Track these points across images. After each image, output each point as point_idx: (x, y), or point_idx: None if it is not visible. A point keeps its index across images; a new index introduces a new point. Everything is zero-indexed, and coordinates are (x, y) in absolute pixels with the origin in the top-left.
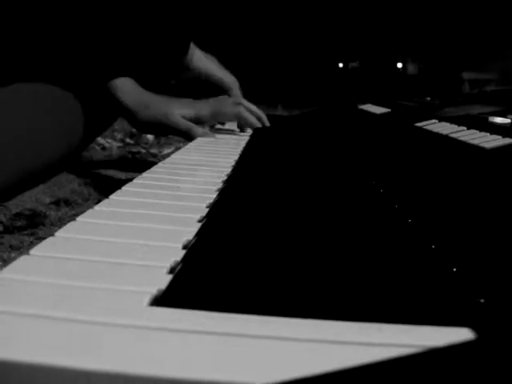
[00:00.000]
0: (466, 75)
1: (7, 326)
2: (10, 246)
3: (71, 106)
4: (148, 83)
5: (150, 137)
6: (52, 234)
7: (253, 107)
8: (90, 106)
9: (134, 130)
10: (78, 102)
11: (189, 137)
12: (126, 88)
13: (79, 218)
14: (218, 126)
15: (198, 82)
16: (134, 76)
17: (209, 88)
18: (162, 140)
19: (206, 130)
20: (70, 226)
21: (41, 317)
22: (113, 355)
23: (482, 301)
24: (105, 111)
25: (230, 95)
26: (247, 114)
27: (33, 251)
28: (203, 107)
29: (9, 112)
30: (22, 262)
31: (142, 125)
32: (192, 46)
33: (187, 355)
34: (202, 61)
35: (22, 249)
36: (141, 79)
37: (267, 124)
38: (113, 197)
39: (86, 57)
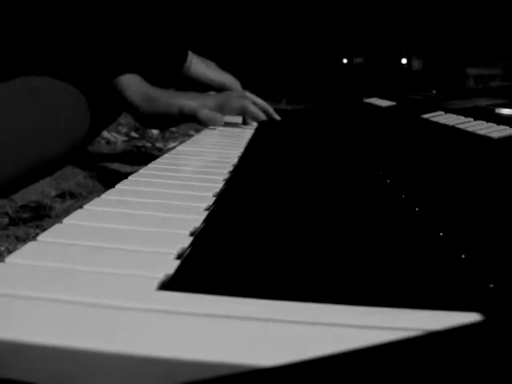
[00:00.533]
0: (471, 71)
1: (16, 308)
2: (16, 238)
3: (77, 100)
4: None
5: (155, 131)
6: None
7: (259, 100)
8: (95, 99)
9: (138, 124)
10: (84, 95)
11: (196, 120)
12: (131, 84)
13: (86, 206)
14: (226, 119)
15: (199, 88)
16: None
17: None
18: (167, 134)
19: (214, 113)
20: (77, 213)
21: (50, 300)
22: (122, 337)
23: (492, 286)
24: (110, 105)
25: None
26: (252, 107)
27: (40, 237)
28: (208, 100)
29: (14, 105)
30: (29, 247)
31: (147, 118)
32: (190, 54)
33: (195, 337)
34: (200, 68)
35: (27, 240)
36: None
37: (275, 116)
38: (119, 186)
39: (93, 53)
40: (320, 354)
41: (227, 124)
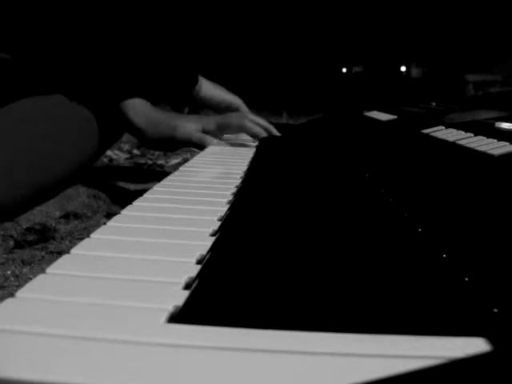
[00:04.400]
0: (470, 77)
1: (26, 345)
2: (22, 261)
3: (87, 120)
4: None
5: None
6: (63, 248)
7: (259, 120)
8: (103, 121)
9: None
10: (93, 117)
11: (201, 147)
12: (136, 108)
13: (93, 235)
14: (230, 137)
15: (208, 108)
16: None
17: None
18: None
19: (218, 141)
20: (84, 243)
21: (59, 336)
22: (132, 373)
23: (496, 310)
24: (115, 125)
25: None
26: (252, 125)
27: (49, 270)
28: (209, 121)
29: (23, 127)
30: (38, 280)
31: (152, 142)
32: (200, 77)
33: (208, 372)
34: (209, 90)
35: (33, 263)
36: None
37: (276, 134)
38: (125, 212)
39: (102, 75)
40: None
41: (230, 141)
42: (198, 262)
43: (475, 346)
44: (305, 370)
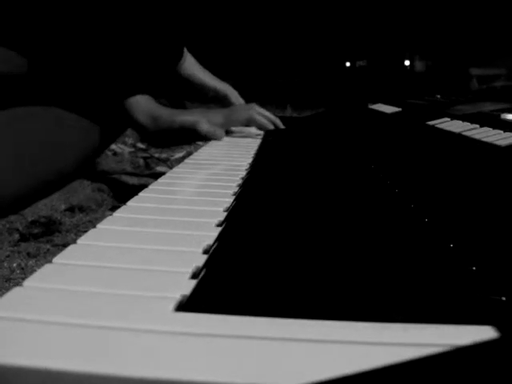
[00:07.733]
0: (474, 71)
1: (35, 334)
2: (28, 254)
3: (88, 116)
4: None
5: None
6: (68, 241)
7: (266, 112)
8: (105, 114)
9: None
10: (95, 110)
11: (206, 139)
12: (138, 104)
13: (99, 225)
14: (233, 129)
15: (194, 93)
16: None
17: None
18: None
19: (215, 127)
20: (90, 233)
21: (67, 324)
22: (141, 361)
23: (504, 299)
24: (119, 119)
25: (226, 104)
26: (259, 117)
27: (56, 259)
28: (215, 115)
29: (26, 121)
30: (45, 270)
31: (153, 137)
32: (186, 51)
33: (215, 359)
34: (194, 69)
35: (39, 256)
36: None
37: (282, 127)
38: (130, 203)
39: (106, 75)
40: (342, 374)
41: (235, 133)
42: (205, 252)
43: (483, 333)
44: (311, 357)
